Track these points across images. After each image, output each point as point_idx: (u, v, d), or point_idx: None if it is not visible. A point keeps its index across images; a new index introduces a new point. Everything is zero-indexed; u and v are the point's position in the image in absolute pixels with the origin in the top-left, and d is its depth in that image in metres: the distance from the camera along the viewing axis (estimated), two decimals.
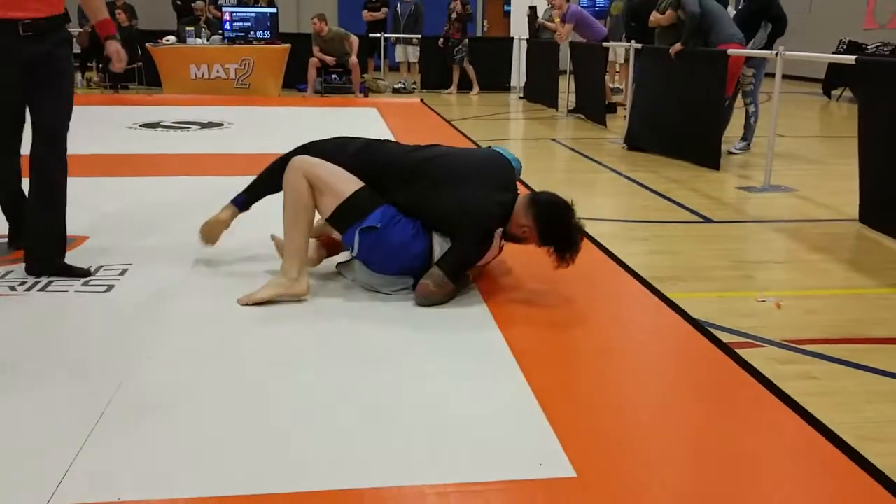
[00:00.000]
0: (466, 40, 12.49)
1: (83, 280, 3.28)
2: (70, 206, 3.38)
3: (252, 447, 2.04)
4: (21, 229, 3.42)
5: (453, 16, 12.38)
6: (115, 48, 3.47)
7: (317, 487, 1.88)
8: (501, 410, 2.25)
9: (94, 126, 8.24)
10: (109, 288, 3.21)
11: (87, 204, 4.63)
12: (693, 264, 3.77)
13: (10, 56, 3.10)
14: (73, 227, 4.03)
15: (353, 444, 2.08)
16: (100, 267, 3.46)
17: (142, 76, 12.19)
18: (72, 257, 3.55)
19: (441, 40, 12.56)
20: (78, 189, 5.00)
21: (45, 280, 3.26)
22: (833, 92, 12.39)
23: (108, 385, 2.36)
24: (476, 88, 12.71)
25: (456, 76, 12.70)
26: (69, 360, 2.55)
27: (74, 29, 12.72)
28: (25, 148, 3.33)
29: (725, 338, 2.85)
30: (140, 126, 7.90)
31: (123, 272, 3.40)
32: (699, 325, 2.95)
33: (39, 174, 3.24)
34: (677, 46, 6.55)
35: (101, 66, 12.56)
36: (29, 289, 3.17)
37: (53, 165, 3.27)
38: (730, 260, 3.84)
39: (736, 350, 2.73)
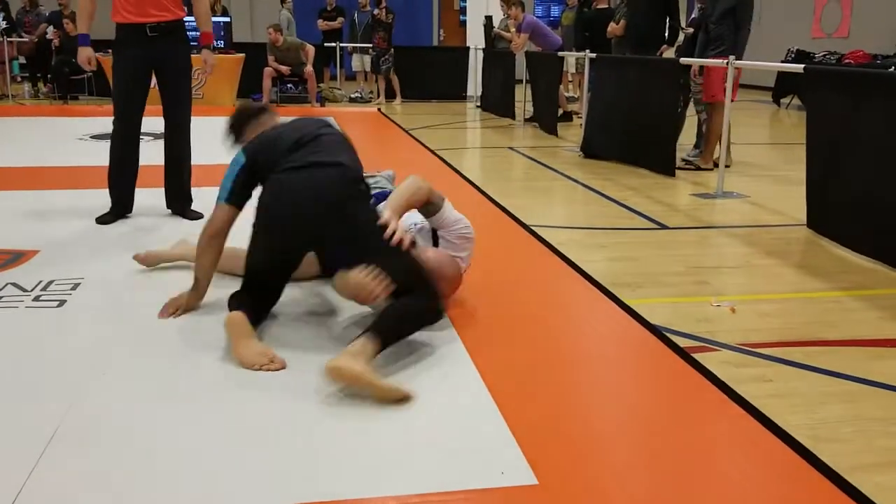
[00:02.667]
0: (392, 49, 12.43)
1: (34, 295, 3.20)
2: (20, 220, 3.33)
3: (211, 463, 2.01)
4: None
5: (380, 26, 12.22)
6: (203, 58, 4.65)
7: (277, 502, 1.85)
8: (462, 419, 2.25)
9: (44, 138, 8.08)
10: (62, 303, 3.14)
11: (37, 217, 4.53)
12: (650, 270, 3.82)
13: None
14: (22, 241, 3.96)
15: (314, 456, 2.06)
16: (51, 282, 3.38)
17: (92, 86, 11.98)
18: (22, 271, 3.48)
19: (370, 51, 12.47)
20: (28, 202, 4.92)
21: None
22: (782, 100, 12.68)
23: (60, 404, 2.30)
24: (398, 98, 12.62)
25: (382, 86, 12.62)
26: (20, 378, 2.49)
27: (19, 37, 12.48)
28: None
29: (682, 342, 2.89)
30: (90, 137, 7.76)
31: (75, 286, 3.33)
32: (656, 331, 2.98)
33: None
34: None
35: (49, 76, 12.32)
36: None
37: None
38: (685, 266, 3.90)
39: (692, 354, 2.77)
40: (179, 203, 4.61)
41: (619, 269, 3.83)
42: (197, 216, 4.54)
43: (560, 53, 9.35)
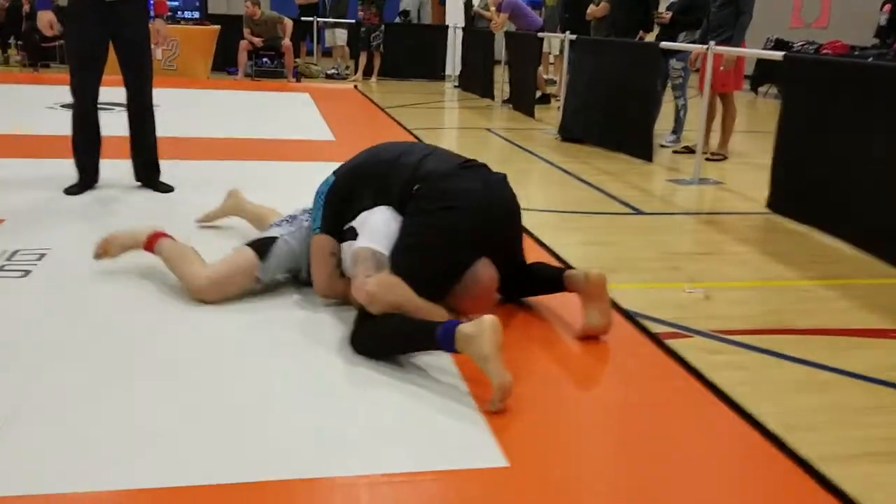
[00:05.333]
0: (383, 26, 12.28)
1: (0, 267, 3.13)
2: None
3: (176, 441, 1.97)
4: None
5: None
6: (155, 28, 4.32)
7: (244, 479, 1.82)
8: (434, 402, 2.22)
9: (13, 105, 7.89)
10: (26, 273, 3.06)
11: (2, 186, 4.42)
12: (624, 255, 3.81)
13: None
14: None
15: (283, 435, 2.02)
16: (16, 251, 3.29)
17: (63, 54, 11.71)
18: None
19: (362, 28, 12.31)
20: None
21: None
22: (760, 89, 12.73)
23: (21, 378, 2.24)
24: (375, 76, 12.47)
25: (363, 62, 12.45)
26: None
27: None
28: None
29: (656, 328, 2.89)
30: (61, 106, 7.57)
31: (41, 257, 3.24)
32: (631, 317, 2.97)
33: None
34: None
35: (20, 42, 12.03)
36: None
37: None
38: (659, 251, 3.90)
39: (666, 341, 2.76)
40: (147, 174, 4.52)
41: (595, 254, 3.82)
42: (167, 188, 4.45)
43: (540, 35, 9.29)
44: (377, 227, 2.62)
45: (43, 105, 7.62)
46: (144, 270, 3.09)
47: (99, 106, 4.33)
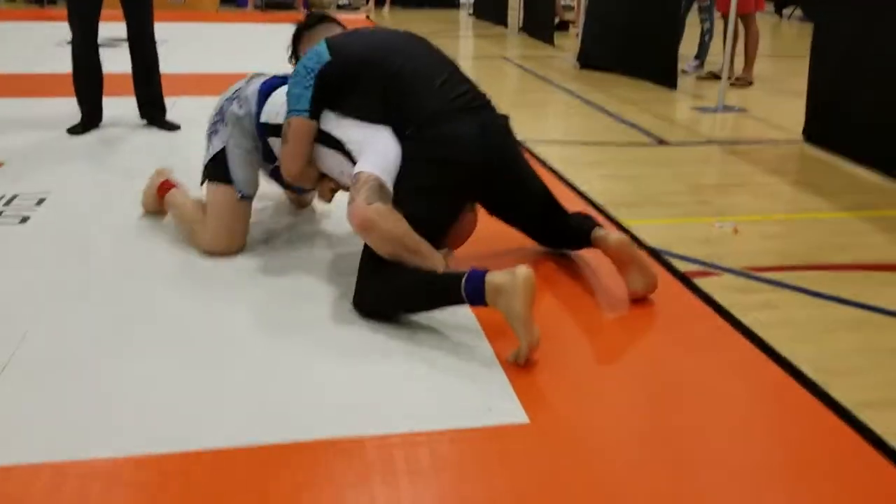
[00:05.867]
0: None
1: None
2: None
3: (179, 401, 1.87)
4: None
5: None
6: None
7: (249, 442, 1.72)
8: (454, 358, 2.09)
9: (17, 43, 7.71)
10: (24, 219, 2.95)
11: (5, 127, 4.29)
12: (649, 189, 3.64)
13: None
14: None
15: (290, 397, 1.92)
16: (15, 196, 3.18)
17: None
18: None
19: None
20: None
21: None
22: (784, 10, 12.26)
23: (13, 334, 2.14)
24: (388, 5, 12.09)
25: None
26: None
27: None
28: None
29: (683, 266, 2.74)
30: (67, 43, 7.37)
31: (40, 202, 3.13)
32: (656, 254, 2.83)
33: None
34: None
35: None
36: None
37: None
38: (685, 184, 3.72)
39: (694, 279, 2.63)
40: (152, 112, 4.37)
41: (616, 188, 3.65)
42: (173, 127, 4.31)
43: None
44: (384, 154, 2.38)
45: (50, 43, 7.43)
46: (146, 218, 2.98)
47: (101, 42, 4.16)
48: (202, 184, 2.71)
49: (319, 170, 2.58)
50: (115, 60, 4.49)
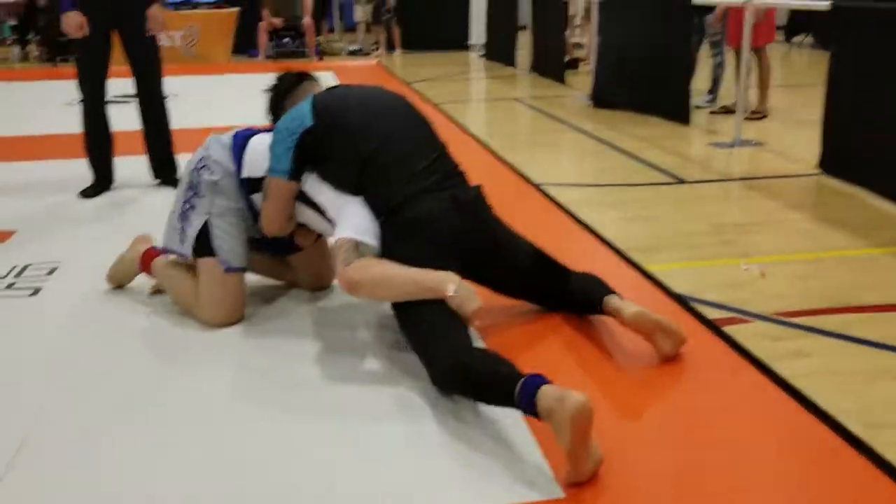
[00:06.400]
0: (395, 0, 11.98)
1: (7, 282, 2.97)
2: None
3: (197, 483, 1.79)
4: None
5: None
6: (152, 14, 4.03)
7: None
8: (485, 428, 1.99)
9: (30, 104, 7.78)
10: (35, 291, 2.90)
11: (16, 192, 4.28)
12: (669, 231, 3.56)
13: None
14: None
15: (320, 472, 1.83)
16: (27, 266, 3.14)
17: None
18: None
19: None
20: (7, 175, 4.65)
21: None
22: (794, 39, 12.22)
23: (27, 411, 2.09)
24: (398, 50, 12.18)
25: (384, 37, 12.19)
26: None
27: None
28: None
29: (710, 313, 2.65)
30: (78, 103, 7.45)
31: (52, 272, 3.09)
32: (682, 301, 2.74)
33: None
34: None
35: (39, 37, 11.95)
36: None
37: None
38: (707, 224, 3.63)
39: (723, 328, 2.53)
40: (164, 172, 4.34)
41: (636, 231, 3.57)
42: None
43: None
44: (359, 216, 2.35)
45: (61, 102, 7.50)
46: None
47: (111, 100, 4.16)
48: (188, 257, 2.60)
49: (298, 221, 2.57)
50: (126, 117, 4.49)
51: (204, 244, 2.55)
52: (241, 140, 2.62)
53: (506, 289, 2.56)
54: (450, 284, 2.13)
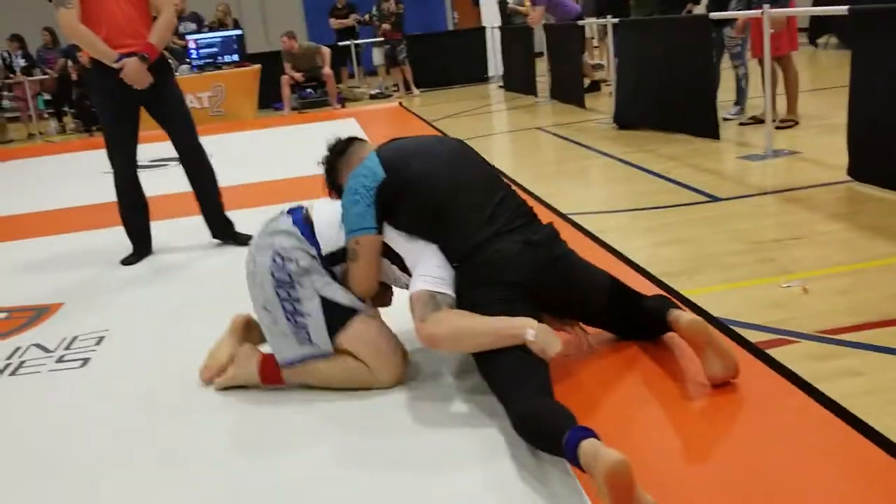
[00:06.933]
0: (405, 40, 12.09)
1: (57, 356, 3.05)
2: (43, 270, 3.22)
3: None
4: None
5: (388, 16, 11.90)
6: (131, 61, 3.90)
7: None
8: (525, 464, 2.00)
9: (68, 176, 7.99)
10: (85, 362, 2.97)
11: (61, 266, 4.39)
12: (705, 252, 3.52)
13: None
14: (46, 294, 3.81)
15: None
16: (75, 338, 3.21)
17: None
18: (45, 329, 3.36)
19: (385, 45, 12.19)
20: (52, 249, 4.78)
21: (16, 361, 3.03)
22: (818, 41, 12.10)
23: (82, 488, 2.12)
24: (415, 89, 12.32)
25: (401, 78, 12.36)
26: (40, 457, 2.32)
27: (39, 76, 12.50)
28: None
29: (753, 336, 2.61)
30: (112, 172, 7.64)
31: (99, 341, 3.16)
32: (723, 325, 2.70)
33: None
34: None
35: (73, 110, 12.31)
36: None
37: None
38: (744, 242, 3.59)
39: (767, 351, 2.49)
40: (224, 229, 4.38)
41: (671, 255, 3.54)
42: (247, 238, 4.24)
43: (580, 22, 8.99)
44: (432, 266, 2.38)
45: (99, 171, 7.69)
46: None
47: (150, 163, 4.23)
48: (332, 345, 2.46)
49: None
50: (161, 181, 4.57)
51: (336, 317, 2.44)
52: (301, 219, 2.55)
53: (582, 320, 2.59)
54: (529, 330, 2.14)
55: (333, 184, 2.72)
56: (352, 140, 2.77)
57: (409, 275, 2.46)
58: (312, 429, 2.32)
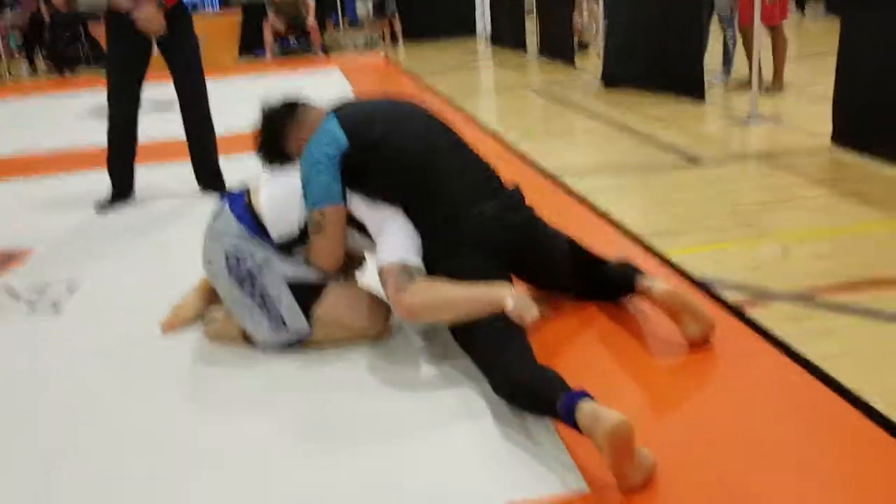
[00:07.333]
0: None
1: (28, 302, 2.99)
2: (14, 214, 3.14)
3: None
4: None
5: None
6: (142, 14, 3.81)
7: None
8: (508, 424, 1.99)
9: (41, 118, 7.83)
10: (57, 309, 2.92)
11: (33, 209, 4.30)
12: (689, 214, 3.51)
13: None
14: (17, 239, 3.73)
15: (332, 478, 1.83)
16: (47, 285, 3.15)
17: (88, 57, 11.64)
18: (15, 275, 3.30)
19: None
20: (23, 192, 4.69)
21: None
22: (806, 7, 12.04)
23: (59, 438, 2.09)
24: (401, 41, 12.13)
25: (388, 30, 12.16)
26: (11, 405, 2.29)
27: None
28: None
29: (733, 297, 2.61)
30: (89, 114, 7.50)
31: (73, 289, 3.10)
32: (704, 286, 2.70)
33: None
34: None
35: (44, 51, 12.04)
36: None
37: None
38: (727, 205, 3.58)
39: (746, 311, 2.49)
40: (213, 181, 4.30)
41: (655, 216, 3.53)
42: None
43: None
44: (400, 235, 2.30)
45: (72, 114, 7.54)
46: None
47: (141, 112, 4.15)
48: (309, 323, 2.40)
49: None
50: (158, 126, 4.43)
51: (307, 295, 2.38)
52: (243, 211, 2.41)
53: (545, 284, 2.58)
54: (508, 299, 2.09)
55: (279, 153, 2.51)
56: (296, 103, 2.53)
57: (371, 240, 2.39)
58: (292, 386, 2.29)
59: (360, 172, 2.33)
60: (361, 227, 2.40)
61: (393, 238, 2.29)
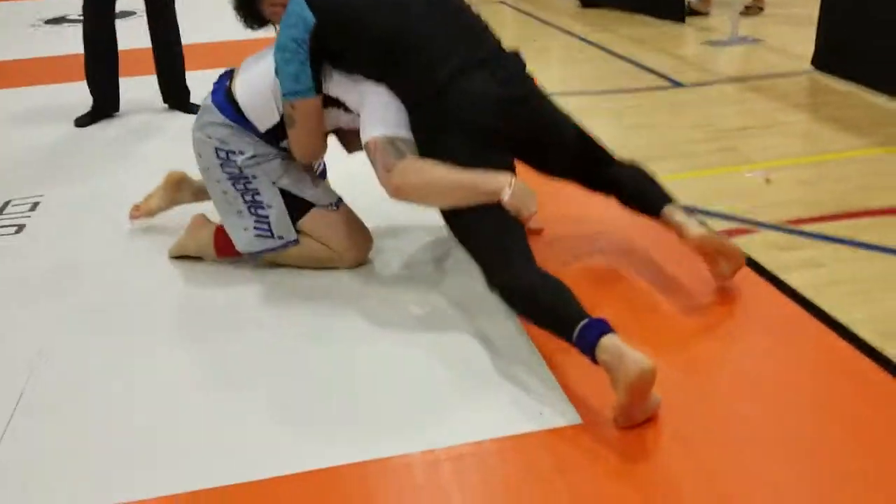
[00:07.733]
0: None
1: None
2: None
3: (202, 436, 1.74)
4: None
5: None
6: None
7: (282, 471, 1.60)
8: (498, 358, 1.95)
9: None
10: (20, 228, 2.81)
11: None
12: (670, 139, 3.46)
13: None
14: None
15: (319, 419, 1.80)
16: (7, 202, 3.03)
17: None
18: None
19: None
20: None
21: None
22: None
23: (22, 363, 2.02)
24: None
25: None
26: None
27: None
28: None
29: (717, 225, 2.57)
30: (44, 22, 7.14)
31: (34, 206, 2.98)
32: (689, 212, 2.66)
33: None
34: None
35: None
36: None
37: None
38: (708, 130, 3.54)
39: (732, 239, 2.46)
40: (176, 96, 4.11)
41: (634, 140, 3.47)
42: (197, 109, 4.08)
43: None
44: (384, 107, 2.14)
45: (25, 23, 7.17)
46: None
47: (80, 17, 3.89)
48: (296, 241, 2.35)
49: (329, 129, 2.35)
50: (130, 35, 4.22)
51: (296, 206, 2.32)
52: (223, 100, 2.32)
53: (550, 169, 2.37)
54: (505, 188, 1.93)
55: (255, 15, 2.38)
56: None
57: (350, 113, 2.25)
58: (275, 303, 2.25)
59: (333, 49, 2.17)
60: (348, 108, 2.26)
61: (377, 110, 2.14)
